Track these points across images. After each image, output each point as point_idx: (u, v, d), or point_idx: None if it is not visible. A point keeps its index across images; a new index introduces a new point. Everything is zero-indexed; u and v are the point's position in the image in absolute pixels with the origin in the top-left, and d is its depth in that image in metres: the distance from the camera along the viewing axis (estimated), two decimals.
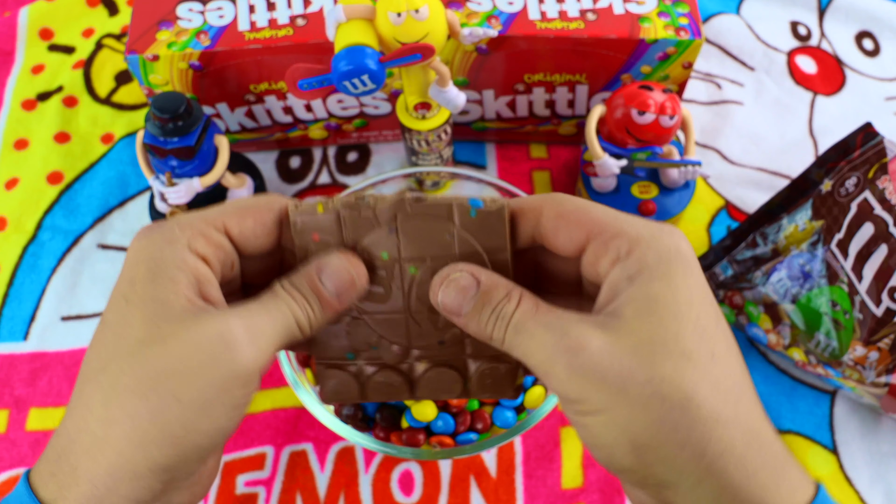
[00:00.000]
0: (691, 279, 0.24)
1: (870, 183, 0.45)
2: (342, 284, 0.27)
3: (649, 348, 0.23)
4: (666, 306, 0.23)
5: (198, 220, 0.26)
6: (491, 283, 0.26)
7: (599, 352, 0.23)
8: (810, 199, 0.49)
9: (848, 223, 0.45)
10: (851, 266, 0.44)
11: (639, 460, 0.23)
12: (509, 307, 0.25)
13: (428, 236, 0.27)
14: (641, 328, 0.23)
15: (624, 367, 0.23)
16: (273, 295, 0.26)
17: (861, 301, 0.44)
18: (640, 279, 0.24)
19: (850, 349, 0.45)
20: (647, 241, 0.24)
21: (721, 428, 0.23)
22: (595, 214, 0.25)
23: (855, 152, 0.47)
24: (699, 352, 0.23)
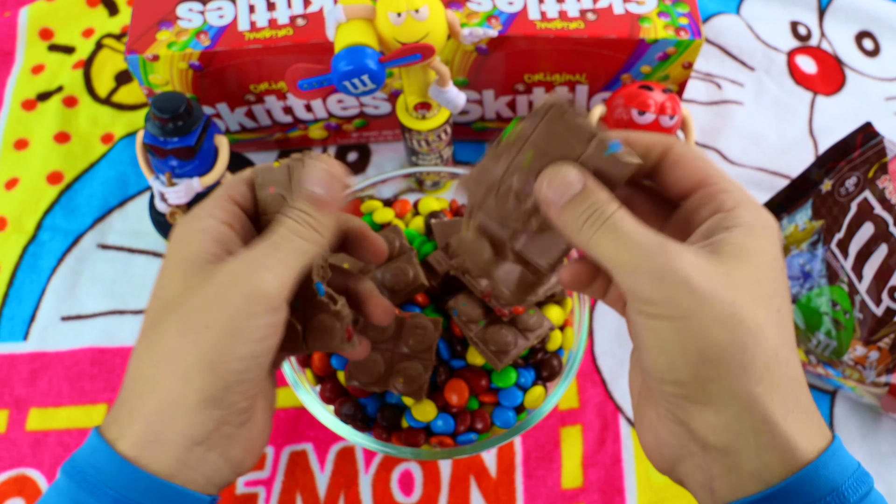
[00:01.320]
0: (776, 248, 0.27)
1: (870, 182, 0.45)
2: (325, 181, 0.29)
3: (736, 279, 0.25)
4: (754, 257, 0.26)
5: (213, 198, 0.29)
6: (595, 186, 0.27)
7: (694, 265, 0.25)
8: (810, 198, 0.49)
9: (848, 223, 0.45)
10: (851, 266, 0.44)
11: (698, 373, 0.25)
12: (610, 208, 0.26)
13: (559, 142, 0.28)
14: (731, 262, 0.25)
15: (713, 285, 0.25)
16: (276, 223, 0.28)
17: (861, 301, 0.44)
18: (737, 231, 0.26)
19: (851, 349, 0.45)
20: (749, 206, 0.27)
21: (778, 364, 0.25)
22: (711, 167, 0.28)
23: (855, 152, 0.48)
24: (772, 301, 0.26)
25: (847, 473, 0.25)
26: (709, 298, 0.24)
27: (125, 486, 0.25)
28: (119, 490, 0.25)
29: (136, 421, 0.26)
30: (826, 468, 0.25)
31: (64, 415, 0.51)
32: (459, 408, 0.42)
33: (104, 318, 0.54)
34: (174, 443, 0.26)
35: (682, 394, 0.26)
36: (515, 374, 0.43)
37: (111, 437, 0.26)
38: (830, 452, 0.25)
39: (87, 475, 0.26)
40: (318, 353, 0.43)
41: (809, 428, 0.25)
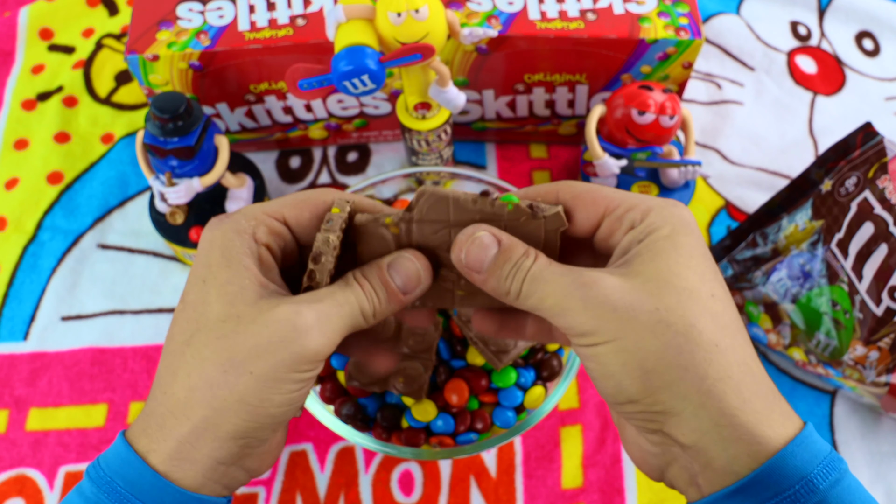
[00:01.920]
0: (693, 238, 0.26)
1: (870, 182, 0.45)
2: (409, 280, 0.30)
3: (655, 282, 0.25)
4: (669, 254, 0.26)
5: (260, 211, 0.29)
6: (511, 243, 0.28)
7: (611, 286, 0.25)
8: (810, 198, 0.49)
9: (848, 223, 0.45)
10: (851, 265, 0.44)
11: (645, 386, 0.25)
12: (527, 262, 0.27)
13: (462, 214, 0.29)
14: (648, 269, 0.26)
15: (633, 299, 0.25)
16: (344, 284, 0.29)
17: (861, 300, 0.44)
18: (648, 239, 0.26)
19: (851, 349, 0.45)
20: (657, 209, 0.27)
21: (720, 354, 0.25)
22: (607, 192, 0.28)
23: (855, 152, 0.48)
24: (700, 290, 0.25)
25: (817, 460, 0.25)
26: (632, 314, 0.25)
27: (153, 498, 0.26)
28: (146, 501, 0.26)
29: (167, 439, 0.27)
30: (794, 457, 0.25)
31: (64, 415, 0.51)
32: (459, 408, 0.42)
33: (104, 318, 0.54)
34: (202, 463, 0.27)
35: (641, 409, 0.26)
36: (515, 374, 0.43)
37: (141, 449, 0.27)
38: (799, 440, 0.25)
39: (116, 485, 0.26)
40: None
41: (771, 416, 0.25)
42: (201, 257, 0.28)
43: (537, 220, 0.28)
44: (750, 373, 0.25)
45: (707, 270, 0.26)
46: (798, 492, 0.24)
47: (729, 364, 0.25)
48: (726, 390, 0.25)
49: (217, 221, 0.29)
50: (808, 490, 0.24)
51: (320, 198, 0.30)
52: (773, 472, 0.24)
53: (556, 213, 0.28)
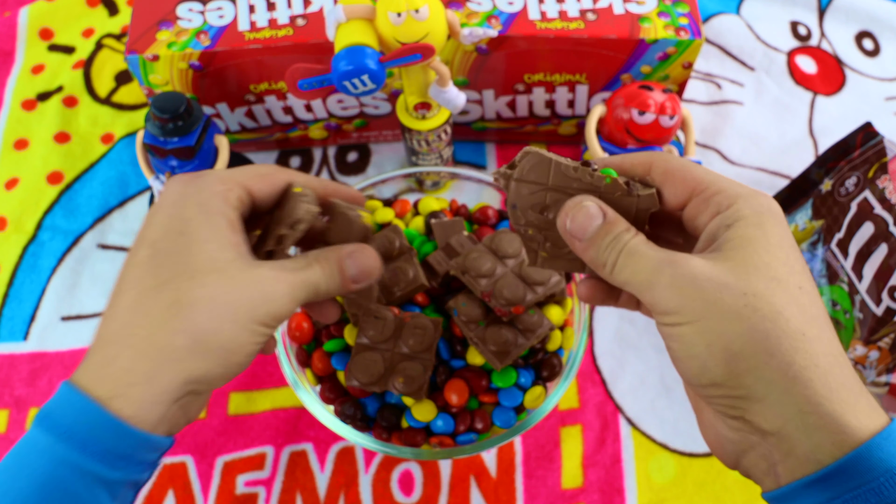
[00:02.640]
0: (781, 229, 0.27)
1: (870, 182, 0.45)
2: (362, 272, 0.33)
3: (744, 269, 0.25)
4: (759, 243, 0.26)
5: (230, 178, 0.31)
6: (615, 217, 0.29)
7: (700, 267, 0.26)
8: (810, 198, 0.49)
9: (848, 223, 0.45)
10: (851, 265, 0.44)
11: (730, 369, 0.25)
12: (627, 236, 0.28)
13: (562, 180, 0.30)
14: (737, 256, 0.26)
15: (721, 281, 0.25)
16: (307, 262, 0.31)
17: (861, 300, 0.44)
18: (737, 225, 0.26)
19: (851, 348, 0.45)
20: (745, 197, 0.27)
21: (807, 342, 0.25)
22: (698, 173, 0.28)
23: (855, 152, 0.48)
24: (788, 281, 0.26)
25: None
26: (719, 295, 0.25)
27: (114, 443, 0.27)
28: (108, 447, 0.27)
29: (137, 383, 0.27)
30: (880, 449, 0.24)
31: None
32: (459, 408, 0.42)
33: None
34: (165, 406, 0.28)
35: (724, 393, 0.26)
36: (515, 374, 0.43)
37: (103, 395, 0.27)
38: (886, 433, 0.25)
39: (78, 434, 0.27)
40: (318, 353, 0.43)
41: (858, 406, 0.25)
42: (175, 209, 0.29)
43: (631, 197, 0.29)
44: (837, 363, 0.25)
45: (795, 262, 0.26)
46: (883, 484, 0.24)
47: (816, 353, 0.25)
48: (813, 378, 0.25)
49: (189, 178, 0.30)
50: (894, 483, 0.24)
51: (279, 175, 0.33)
52: (858, 462, 0.24)
53: (651, 195, 0.29)
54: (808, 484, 0.25)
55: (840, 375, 0.25)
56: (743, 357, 0.25)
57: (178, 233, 0.29)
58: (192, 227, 0.29)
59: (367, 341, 0.41)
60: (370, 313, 0.41)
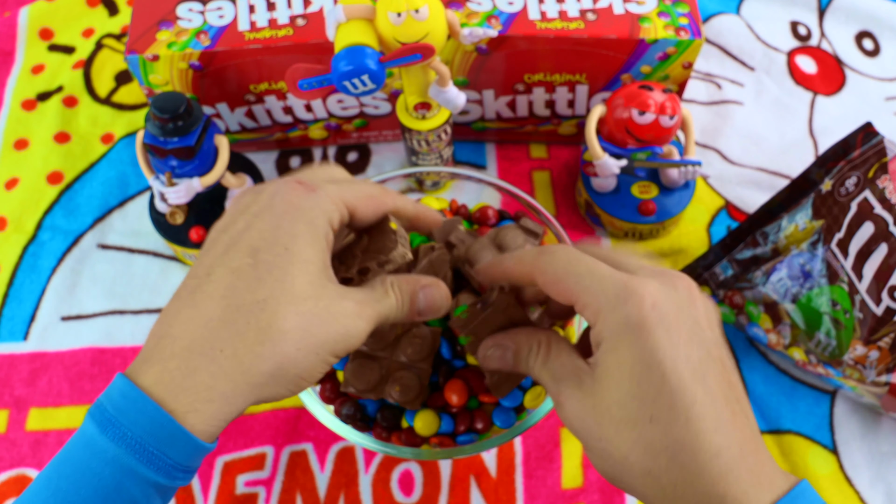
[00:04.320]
0: (638, 349, 0.26)
1: (870, 182, 0.45)
2: (432, 307, 0.33)
3: (598, 411, 0.28)
4: (612, 378, 0.27)
5: (339, 198, 0.30)
6: (517, 345, 0.32)
7: (573, 409, 0.29)
8: (810, 198, 0.49)
9: (848, 222, 0.45)
10: (852, 265, 0.44)
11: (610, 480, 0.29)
12: (531, 359, 0.31)
13: None
14: (600, 391, 0.28)
15: (587, 426, 0.28)
16: (384, 291, 0.32)
17: (861, 300, 0.44)
18: (602, 347, 0.28)
19: (851, 348, 0.45)
20: (605, 314, 0.27)
21: (653, 479, 0.27)
22: (570, 284, 0.29)
23: (855, 152, 0.48)
24: (637, 417, 0.27)
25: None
26: (586, 438, 0.28)
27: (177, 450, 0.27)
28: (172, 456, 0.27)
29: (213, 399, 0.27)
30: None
31: (64, 415, 0.51)
32: (459, 408, 0.42)
33: (104, 318, 0.54)
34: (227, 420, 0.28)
35: None
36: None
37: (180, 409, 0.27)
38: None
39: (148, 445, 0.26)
40: None
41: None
42: (283, 220, 0.29)
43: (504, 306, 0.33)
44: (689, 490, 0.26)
45: (650, 387, 0.26)
46: None
47: (663, 486, 0.26)
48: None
49: (304, 191, 0.29)
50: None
51: (385, 200, 0.33)
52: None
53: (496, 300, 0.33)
54: None
55: (693, 496, 0.26)
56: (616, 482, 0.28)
57: (283, 248, 0.28)
58: (298, 245, 0.28)
59: (366, 348, 0.41)
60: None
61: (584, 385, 0.28)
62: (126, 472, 0.26)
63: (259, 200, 0.29)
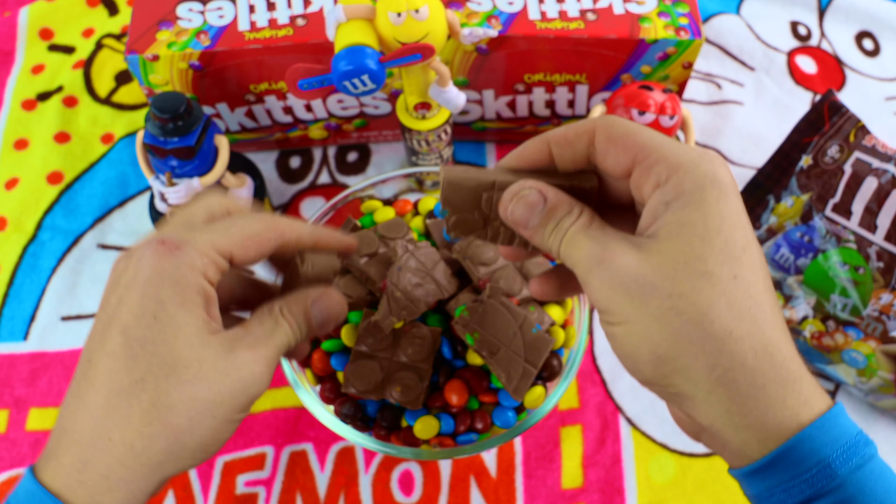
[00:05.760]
0: (723, 204, 0.25)
1: (857, 145, 0.48)
2: (329, 318, 0.32)
3: (672, 266, 0.25)
4: (694, 230, 0.25)
5: (211, 248, 0.29)
6: (556, 200, 0.28)
7: (627, 266, 0.25)
8: (792, 177, 0.50)
9: (845, 185, 0.47)
10: (859, 222, 0.46)
11: (658, 371, 0.25)
12: (568, 221, 0.27)
13: None
14: (669, 248, 0.25)
15: (647, 282, 0.25)
16: (273, 321, 0.30)
17: (878, 250, 0.45)
18: (675, 204, 0.25)
19: (874, 299, 0.46)
20: (686, 167, 0.25)
21: (733, 342, 0.24)
22: (641, 139, 0.26)
23: (825, 125, 0.49)
24: (720, 273, 0.24)
25: (838, 444, 0.25)
26: (645, 298, 0.25)
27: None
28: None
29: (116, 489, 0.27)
30: (812, 440, 0.25)
31: None
32: (459, 408, 0.42)
33: None
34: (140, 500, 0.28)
35: (659, 390, 0.27)
36: None
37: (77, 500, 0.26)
38: (819, 423, 0.25)
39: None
40: (318, 353, 0.43)
41: (789, 399, 0.25)
42: (146, 289, 0.27)
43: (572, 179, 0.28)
44: (768, 359, 0.25)
45: (735, 245, 0.25)
46: (815, 475, 0.24)
47: (743, 352, 0.24)
48: (737, 379, 0.24)
49: (164, 252, 0.28)
50: (826, 475, 0.24)
51: (268, 236, 0.31)
52: (786, 456, 0.25)
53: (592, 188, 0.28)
54: (746, 474, 0.26)
55: (770, 371, 0.25)
56: (669, 360, 0.25)
57: (152, 317, 0.27)
58: (167, 311, 0.27)
59: (366, 349, 0.41)
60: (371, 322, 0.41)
61: (643, 246, 0.25)
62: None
63: (128, 270, 0.29)
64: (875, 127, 0.60)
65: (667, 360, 0.25)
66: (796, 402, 0.25)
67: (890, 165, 0.46)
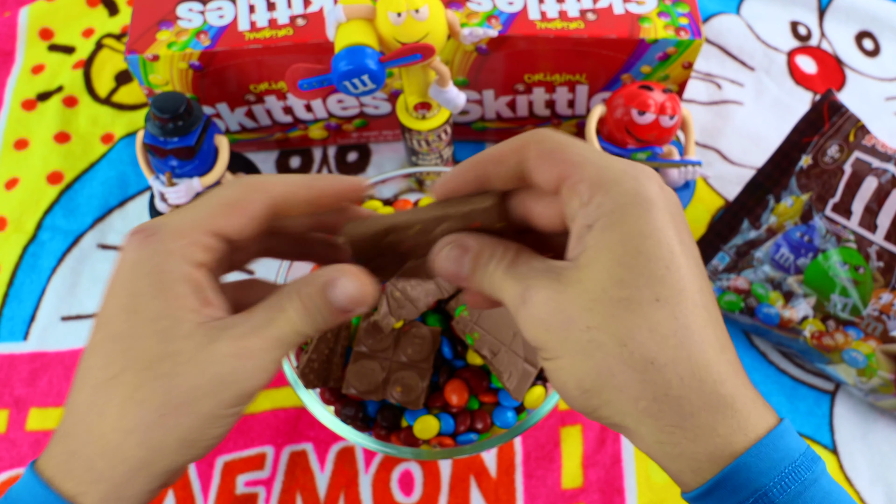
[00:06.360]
0: (644, 222, 0.24)
1: (856, 145, 0.48)
2: (352, 298, 0.27)
3: (589, 297, 0.24)
4: (613, 253, 0.24)
5: (189, 229, 0.26)
6: (478, 247, 0.27)
7: (545, 302, 0.24)
8: (792, 177, 0.50)
9: (845, 185, 0.47)
10: (859, 222, 0.46)
11: (587, 403, 0.25)
12: (492, 264, 0.27)
13: None
14: (587, 277, 0.24)
15: (565, 317, 0.24)
16: (276, 309, 0.27)
17: (878, 250, 0.46)
18: (596, 226, 0.24)
19: (874, 299, 0.46)
20: (607, 185, 0.24)
21: (654, 371, 0.23)
22: (568, 154, 0.25)
23: (825, 125, 0.49)
24: (640, 297, 0.23)
25: (776, 470, 0.24)
26: (565, 334, 0.24)
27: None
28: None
29: (99, 481, 0.26)
30: (748, 469, 0.24)
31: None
32: (459, 408, 0.42)
33: None
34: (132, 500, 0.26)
35: (594, 419, 0.26)
36: None
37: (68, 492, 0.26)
38: (755, 451, 0.24)
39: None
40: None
41: (720, 428, 0.24)
42: (124, 283, 0.26)
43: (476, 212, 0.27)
44: (696, 385, 0.23)
45: (658, 266, 0.23)
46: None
47: (666, 381, 0.23)
48: (662, 409, 0.24)
49: (139, 241, 0.26)
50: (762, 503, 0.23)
51: (247, 198, 0.27)
52: (722, 486, 0.24)
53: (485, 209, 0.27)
54: (692, 499, 0.25)
55: (698, 397, 0.23)
56: (594, 393, 0.24)
57: (132, 311, 0.25)
58: (143, 304, 0.25)
59: (366, 349, 0.41)
60: (370, 323, 0.41)
61: (563, 277, 0.24)
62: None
63: (116, 264, 0.27)
64: (875, 127, 0.60)
65: (592, 393, 0.24)
66: (729, 429, 0.24)
67: (890, 165, 0.46)
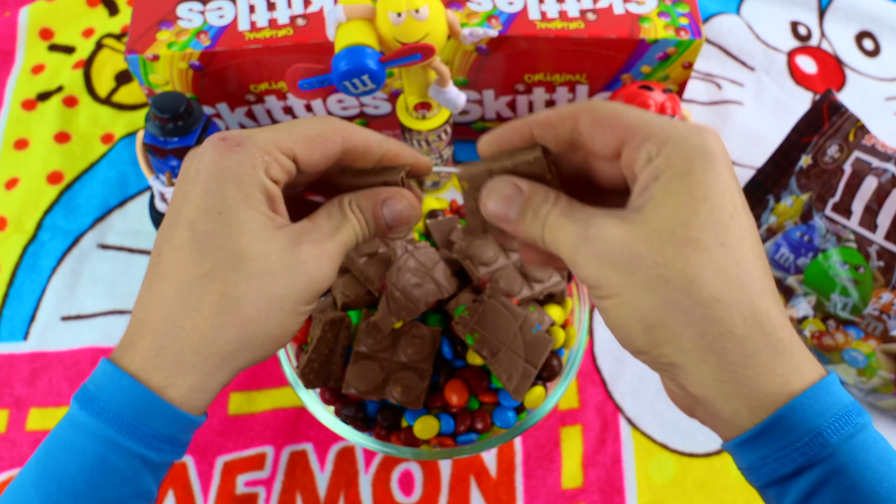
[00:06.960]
0: (711, 174, 0.25)
1: (856, 145, 0.47)
2: (399, 218, 0.31)
3: (658, 235, 0.25)
4: (680, 199, 0.25)
5: (273, 146, 0.29)
6: (531, 191, 0.28)
7: (613, 239, 0.25)
8: (792, 176, 0.50)
9: (845, 184, 0.47)
10: (859, 221, 0.46)
11: (649, 340, 0.25)
12: (546, 208, 0.27)
13: None
14: (654, 218, 0.25)
15: (633, 253, 0.25)
16: (342, 215, 0.30)
17: (878, 249, 0.45)
18: (663, 177, 0.25)
19: (874, 298, 0.46)
20: (675, 141, 0.25)
21: (721, 309, 0.24)
22: (628, 119, 0.26)
23: (825, 125, 0.49)
24: (707, 240, 0.24)
25: (830, 413, 0.24)
26: (632, 268, 0.25)
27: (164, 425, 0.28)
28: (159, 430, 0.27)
29: (188, 373, 0.27)
30: (803, 408, 0.24)
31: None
32: (459, 408, 0.42)
33: (104, 318, 0.54)
34: (213, 391, 0.28)
35: (650, 360, 0.26)
36: None
37: (156, 384, 0.27)
38: (811, 392, 0.25)
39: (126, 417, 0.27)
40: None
41: (779, 368, 0.25)
42: (211, 184, 0.27)
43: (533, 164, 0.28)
44: (757, 326, 0.24)
45: (723, 213, 0.25)
46: (807, 444, 0.24)
47: (731, 320, 0.24)
48: (726, 346, 0.24)
49: (227, 147, 0.28)
50: (818, 443, 0.24)
51: (330, 137, 0.30)
52: (777, 425, 0.24)
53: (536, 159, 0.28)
54: (738, 444, 0.26)
55: (759, 339, 0.24)
56: (659, 329, 0.25)
57: (217, 213, 0.27)
58: (231, 206, 0.27)
59: (366, 350, 0.41)
60: (370, 323, 0.41)
61: (628, 218, 0.25)
62: (108, 445, 0.27)
63: (192, 167, 0.29)
64: (875, 127, 0.60)
65: (657, 329, 0.25)
66: (787, 370, 0.25)
67: (890, 165, 0.46)
